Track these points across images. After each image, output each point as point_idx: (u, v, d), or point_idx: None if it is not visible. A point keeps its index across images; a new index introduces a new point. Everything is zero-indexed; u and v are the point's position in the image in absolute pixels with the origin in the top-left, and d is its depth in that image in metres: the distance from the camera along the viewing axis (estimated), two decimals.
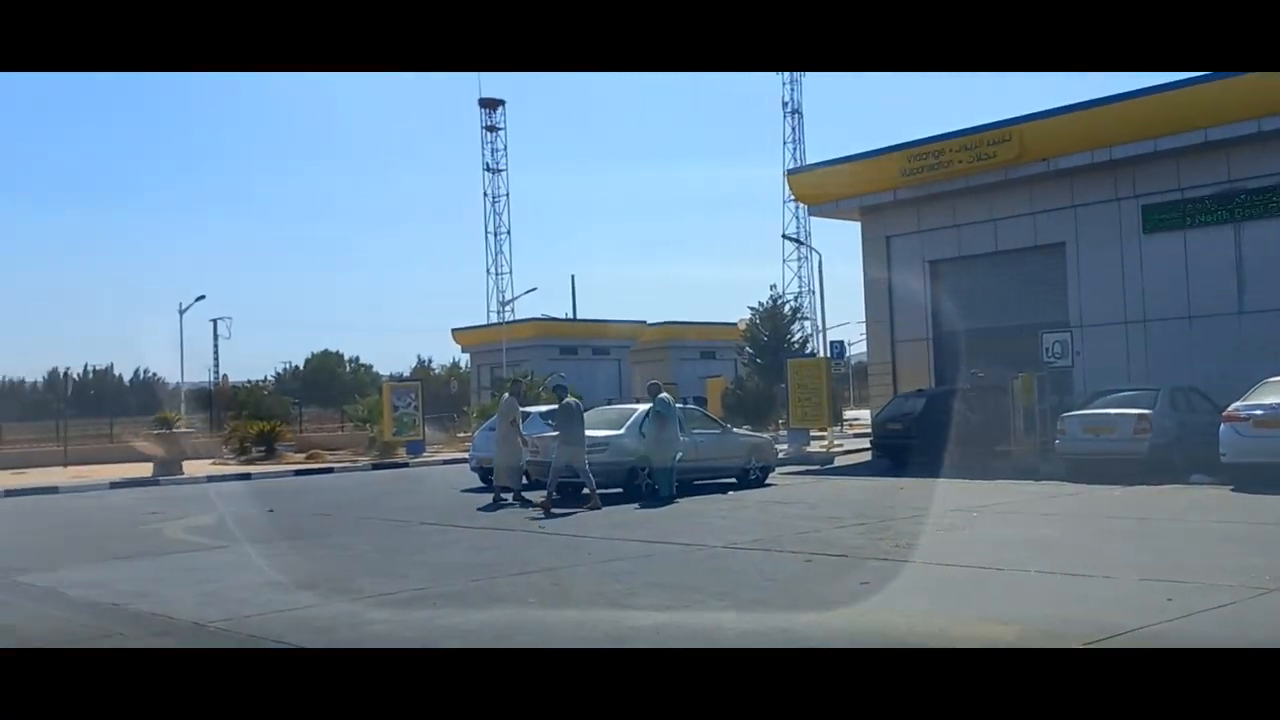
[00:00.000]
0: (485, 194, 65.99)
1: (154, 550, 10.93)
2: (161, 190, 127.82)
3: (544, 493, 13.65)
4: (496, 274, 65.44)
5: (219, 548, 11.09)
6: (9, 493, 19.47)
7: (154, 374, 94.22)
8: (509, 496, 14.55)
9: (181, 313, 42.18)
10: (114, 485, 20.72)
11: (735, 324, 38.98)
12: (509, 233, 64.97)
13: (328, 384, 49.45)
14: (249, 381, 54.32)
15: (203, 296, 42.19)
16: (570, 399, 14.79)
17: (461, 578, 8.68)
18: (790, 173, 26.29)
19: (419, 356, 69.23)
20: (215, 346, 59.50)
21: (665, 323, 49.56)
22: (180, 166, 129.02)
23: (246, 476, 22.70)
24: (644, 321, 48.91)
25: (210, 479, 22.11)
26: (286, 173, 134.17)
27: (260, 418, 32.43)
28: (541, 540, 11.13)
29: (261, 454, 28.55)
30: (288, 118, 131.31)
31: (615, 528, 11.79)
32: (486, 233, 65.58)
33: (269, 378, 54.63)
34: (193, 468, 23.79)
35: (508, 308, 48.49)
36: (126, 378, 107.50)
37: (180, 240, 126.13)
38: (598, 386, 39.49)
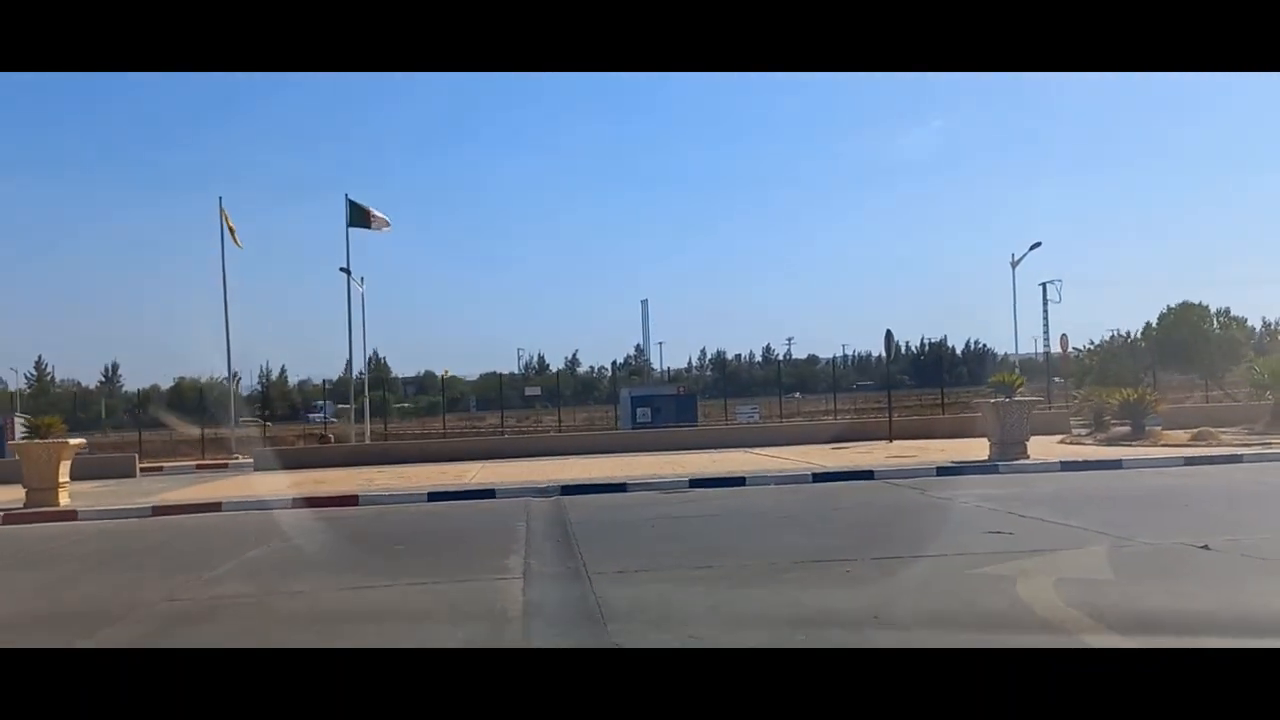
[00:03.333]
0: None
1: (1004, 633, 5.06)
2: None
3: None
4: None
5: None
6: (817, 477, 15.72)
7: (985, 345, 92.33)
8: None
9: (1013, 265, 37.03)
10: (941, 471, 15.81)
11: None
12: None
13: (1188, 344, 39.97)
14: (1091, 343, 47.17)
15: (1038, 244, 36.43)
16: None
17: None
18: None
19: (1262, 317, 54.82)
20: (1044, 311, 53.81)
21: None
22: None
23: (1116, 464, 16.11)
24: None
25: (1063, 466, 16.06)
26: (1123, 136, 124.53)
27: (1119, 384, 25.66)
28: None
29: (1125, 431, 21.78)
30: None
31: None
32: None
33: (1112, 336, 46.74)
34: (1038, 448, 18.05)
35: None
36: (959, 349, 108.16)
37: (1013, 207, 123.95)
38: None
